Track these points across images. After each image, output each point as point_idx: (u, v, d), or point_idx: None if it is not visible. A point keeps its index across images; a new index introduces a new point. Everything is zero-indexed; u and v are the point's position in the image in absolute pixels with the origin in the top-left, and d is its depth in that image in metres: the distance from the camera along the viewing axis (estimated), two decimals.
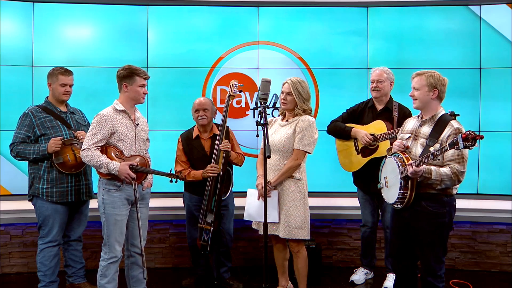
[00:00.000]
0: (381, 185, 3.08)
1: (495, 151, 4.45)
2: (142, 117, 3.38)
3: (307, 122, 3.33)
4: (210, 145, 3.78)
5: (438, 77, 2.89)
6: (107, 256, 3.16)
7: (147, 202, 3.37)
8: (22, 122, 3.49)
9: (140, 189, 3.25)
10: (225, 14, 4.60)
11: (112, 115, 3.13)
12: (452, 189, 2.86)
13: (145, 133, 3.35)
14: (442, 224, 2.86)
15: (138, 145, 3.25)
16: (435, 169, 2.75)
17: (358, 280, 4.07)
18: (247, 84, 4.52)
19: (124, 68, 3.21)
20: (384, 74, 3.80)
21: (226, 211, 3.81)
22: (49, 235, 3.50)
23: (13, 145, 3.47)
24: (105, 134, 3.08)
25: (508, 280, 4.18)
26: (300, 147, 3.31)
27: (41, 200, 3.48)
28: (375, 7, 4.57)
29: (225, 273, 3.94)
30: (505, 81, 4.42)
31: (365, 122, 3.86)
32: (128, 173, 3.07)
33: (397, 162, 2.86)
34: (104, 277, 3.17)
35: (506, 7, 4.42)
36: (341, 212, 4.46)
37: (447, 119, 2.85)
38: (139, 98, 3.23)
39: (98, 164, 3.06)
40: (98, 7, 4.50)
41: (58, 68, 3.56)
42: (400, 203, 2.88)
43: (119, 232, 3.16)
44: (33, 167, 3.51)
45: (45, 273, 3.51)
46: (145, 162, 3.21)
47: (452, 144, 2.58)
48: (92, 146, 3.06)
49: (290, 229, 3.31)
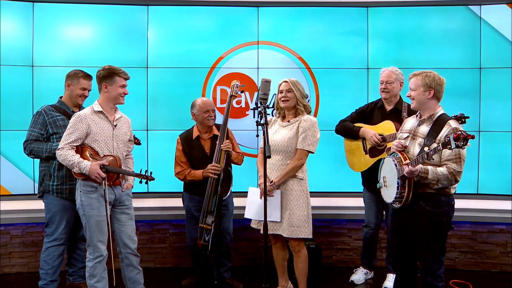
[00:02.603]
0: (380, 184, 3.10)
1: (495, 151, 4.45)
2: (124, 118, 3.35)
3: (309, 122, 3.34)
4: (210, 145, 3.78)
5: (434, 77, 2.89)
6: (92, 256, 3.17)
7: (127, 205, 3.31)
8: (36, 120, 3.51)
9: (119, 190, 3.24)
10: (225, 14, 4.60)
11: (89, 115, 3.15)
12: (450, 189, 2.87)
13: (125, 135, 3.32)
14: (440, 224, 2.87)
15: (117, 146, 3.23)
16: (432, 168, 2.76)
17: (358, 280, 4.07)
18: (247, 84, 4.52)
19: (104, 69, 3.22)
20: (393, 75, 3.79)
21: (226, 210, 3.81)
22: (54, 233, 3.51)
23: (26, 142, 3.50)
24: (80, 134, 3.11)
25: (508, 280, 4.18)
26: (304, 147, 3.32)
27: (50, 196, 3.50)
28: (375, 7, 4.57)
29: (225, 273, 3.94)
30: (505, 81, 4.42)
31: (374, 122, 3.85)
32: (98, 172, 3.06)
33: (395, 161, 2.87)
34: (93, 277, 3.17)
35: (506, 7, 4.42)
36: (341, 212, 4.46)
37: (445, 118, 2.85)
38: (119, 99, 3.23)
39: (70, 164, 3.08)
40: (98, 7, 4.49)
41: (80, 72, 3.59)
42: (398, 203, 2.89)
43: (101, 232, 3.16)
44: (44, 165, 3.54)
45: (47, 272, 3.52)
46: (116, 162, 3.18)
47: (444, 144, 2.60)
48: (66, 146, 3.09)
49: (293, 228, 3.32)
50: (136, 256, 3.31)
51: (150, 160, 4.53)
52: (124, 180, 3.32)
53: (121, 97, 3.23)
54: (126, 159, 3.39)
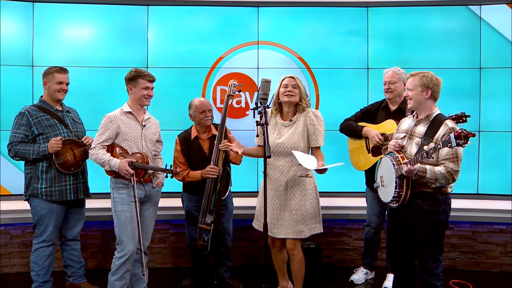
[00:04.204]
0: (377, 184, 3.11)
1: (495, 151, 4.45)
2: (153, 119, 3.50)
3: (316, 118, 3.34)
4: (209, 145, 3.77)
5: (431, 77, 2.91)
6: (119, 254, 3.24)
7: (155, 201, 3.45)
8: (19, 121, 3.47)
9: (150, 187, 3.36)
10: (225, 14, 4.60)
11: (118, 116, 3.29)
12: (447, 188, 2.89)
13: (154, 135, 3.46)
14: (438, 222, 2.88)
15: (146, 146, 3.36)
16: (430, 168, 2.78)
17: (358, 280, 4.07)
18: (247, 84, 4.52)
19: (131, 71, 3.37)
20: (396, 75, 3.79)
21: (225, 210, 3.81)
22: (43, 234, 3.49)
23: (11, 145, 3.45)
24: (110, 134, 3.24)
25: (508, 280, 4.18)
26: (320, 143, 3.36)
27: (38, 199, 3.47)
28: (375, 7, 4.57)
29: (225, 273, 3.94)
30: (505, 81, 4.42)
31: (378, 122, 3.87)
32: (126, 169, 3.16)
33: (393, 161, 2.89)
34: (115, 275, 3.26)
35: (506, 7, 4.42)
36: (341, 212, 4.46)
37: (442, 118, 2.87)
38: (142, 100, 3.34)
39: (101, 162, 3.21)
40: (98, 7, 4.50)
41: (54, 67, 3.57)
42: (396, 202, 2.90)
43: (131, 229, 3.23)
44: (30, 167, 3.49)
45: (38, 273, 3.50)
46: (143, 158, 3.28)
47: (445, 142, 2.61)
48: (98, 145, 3.24)
49: (308, 227, 3.30)
50: (146, 255, 3.37)
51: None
52: (155, 177, 3.41)
53: (144, 98, 3.34)
54: (156, 158, 3.50)
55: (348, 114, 4.04)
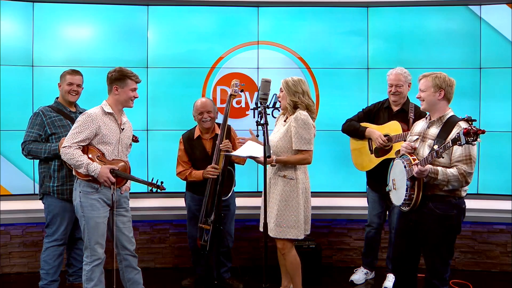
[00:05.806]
0: (389, 187, 3.04)
1: (495, 151, 4.44)
2: (128, 122, 3.34)
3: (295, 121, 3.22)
4: (211, 145, 3.77)
5: (444, 78, 2.85)
6: (89, 259, 3.13)
7: (125, 207, 3.28)
8: (34, 121, 3.51)
9: (118, 192, 3.19)
10: (225, 14, 4.59)
11: (100, 116, 3.11)
12: (460, 191, 2.82)
13: (128, 139, 3.33)
14: (450, 227, 2.81)
15: (121, 150, 3.22)
16: (442, 169, 2.72)
17: (358, 280, 4.07)
18: (247, 84, 4.52)
19: (116, 70, 3.18)
20: (402, 78, 3.75)
21: (227, 211, 3.81)
22: (55, 233, 3.51)
23: (24, 143, 3.49)
24: (89, 134, 3.06)
25: (508, 280, 4.18)
26: (298, 146, 3.22)
27: (51, 197, 3.50)
28: (375, 7, 4.57)
29: (225, 273, 3.94)
30: (505, 81, 4.42)
31: (380, 122, 3.84)
32: (108, 176, 3.03)
33: (404, 163, 2.81)
34: (90, 281, 3.13)
35: (506, 7, 4.42)
36: (341, 212, 4.46)
37: (455, 120, 2.80)
38: (128, 102, 3.21)
39: (78, 164, 3.01)
40: (98, 7, 4.49)
41: (67, 70, 3.61)
42: (407, 205, 2.83)
43: (100, 234, 3.12)
44: (43, 166, 3.53)
45: (47, 272, 3.52)
46: (126, 168, 3.19)
47: (454, 140, 2.54)
48: (74, 145, 3.03)
49: (279, 229, 3.24)
50: (135, 257, 3.30)
51: (150, 160, 4.53)
52: None
53: (131, 101, 3.20)
54: None
55: (348, 114, 4.04)
